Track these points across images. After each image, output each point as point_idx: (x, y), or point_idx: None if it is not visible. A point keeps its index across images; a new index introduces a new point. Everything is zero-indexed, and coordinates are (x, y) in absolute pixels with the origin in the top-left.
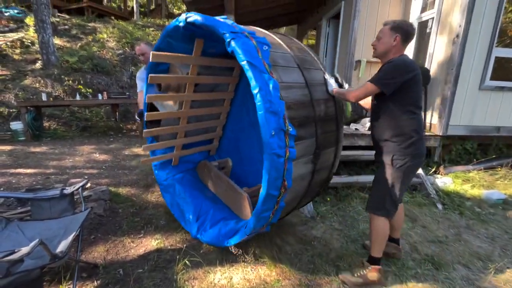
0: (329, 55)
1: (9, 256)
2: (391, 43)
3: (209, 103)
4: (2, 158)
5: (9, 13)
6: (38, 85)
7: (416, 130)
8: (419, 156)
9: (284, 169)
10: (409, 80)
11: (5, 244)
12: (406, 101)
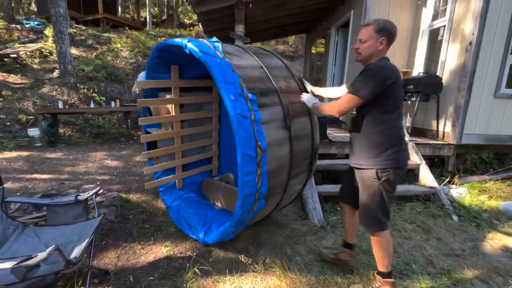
0: (338, 63)
1: (27, 261)
2: (377, 47)
3: (198, 122)
4: (19, 163)
5: (29, 24)
6: (55, 93)
7: (398, 140)
8: (402, 167)
9: (253, 130)
10: (390, 87)
11: (22, 248)
12: (387, 109)
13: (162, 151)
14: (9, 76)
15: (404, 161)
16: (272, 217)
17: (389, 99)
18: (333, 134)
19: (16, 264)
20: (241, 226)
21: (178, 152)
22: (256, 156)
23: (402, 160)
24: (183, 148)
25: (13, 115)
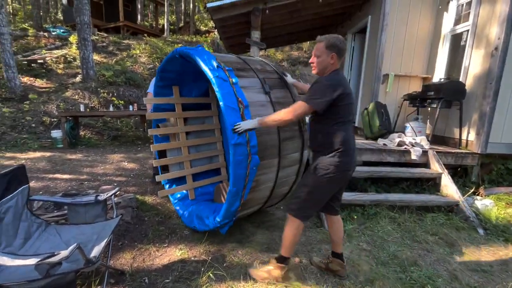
0: (354, 69)
1: (50, 259)
2: (329, 61)
3: (202, 134)
4: (43, 163)
5: (56, 32)
6: (77, 97)
7: (343, 142)
8: (344, 169)
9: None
10: (337, 98)
11: (44, 246)
12: (335, 115)
13: (170, 160)
14: (36, 81)
15: (348, 163)
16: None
17: (337, 107)
18: None
19: (40, 261)
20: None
21: (187, 162)
22: (239, 109)
23: (345, 161)
24: (190, 158)
25: (38, 117)
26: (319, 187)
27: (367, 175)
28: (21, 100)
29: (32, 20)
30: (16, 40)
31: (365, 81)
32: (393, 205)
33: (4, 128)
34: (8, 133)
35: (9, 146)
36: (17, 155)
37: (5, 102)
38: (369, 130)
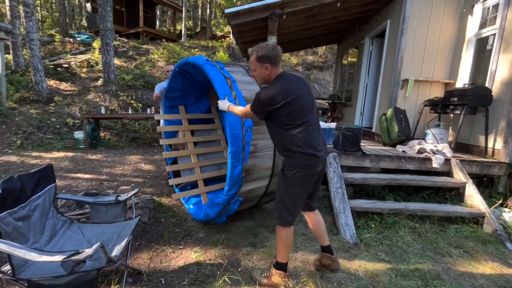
0: (371, 74)
1: (75, 256)
2: (265, 73)
3: (208, 144)
4: (66, 163)
5: (80, 38)
6: (98, 99)
7: (302, 144)
8: (309, 168)
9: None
10: (279, 107)
11: (68, 243)
12: (286, 121)
13: (181, 165)
14: (61, 84)
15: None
16: (299, 230)
17: (284, 114)
18: (366, 147)
19: (66, 258)
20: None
21: (197, 168)
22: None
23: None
24: (199, 164)
25: (62, 118)
26: (290, 189)
27: (385, 182)
28: (47, 102)
29: (59, 27)
30: (44, 45)
31: (383, 86)
32: (413, 214)
33: (31, 129)
34: (35, 134)
35: (35, 145)
36: (43, 155)
37: (33, 104)
38: (387, 136)
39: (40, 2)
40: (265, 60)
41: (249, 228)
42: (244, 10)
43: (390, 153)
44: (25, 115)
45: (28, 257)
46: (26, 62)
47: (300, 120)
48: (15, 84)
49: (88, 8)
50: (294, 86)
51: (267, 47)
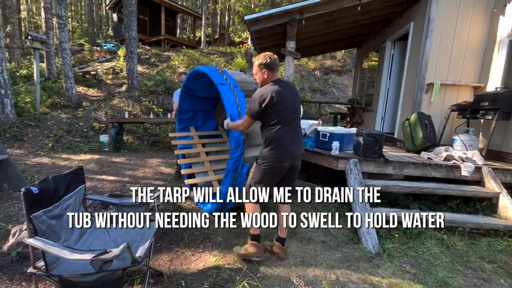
0: (393, 78)
1: (104, 255)
2: (264, 77)
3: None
4: (92, 165)
5: (106, 46)
6: (122, 104)
7: (277, 140)
8: (278, 161)
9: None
10: (265, 106)
11: (95, 242)
12: (267, 119)
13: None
14: (89, 90)
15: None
16: (319, 237)
17: (268, 113)
18: (389, 153)
19: (95, 256)
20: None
21: (210, 171)
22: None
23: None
24: (212, 168)
25: (89, 123)
26: (259, 174)
27: (409, 190)
28: (76, 107)
29: (88, 36)
30: (74, 54)
31: (406, 90)
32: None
33: (61, 132)
34: (65, 137)
35: (64, 148)
36: (71, 157)
37: (63, 109)
38: (411, 142)
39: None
40: (264, 67)
41: (267, 233)
42: (264, 17)
43: (414, 159)
44: (56, 120)
45: (61, 255)
46: (58, 70)
47: (280, 120)
48: (48, 91)
49: (115, 18)
50: (283, 90)
51: (266, 56)
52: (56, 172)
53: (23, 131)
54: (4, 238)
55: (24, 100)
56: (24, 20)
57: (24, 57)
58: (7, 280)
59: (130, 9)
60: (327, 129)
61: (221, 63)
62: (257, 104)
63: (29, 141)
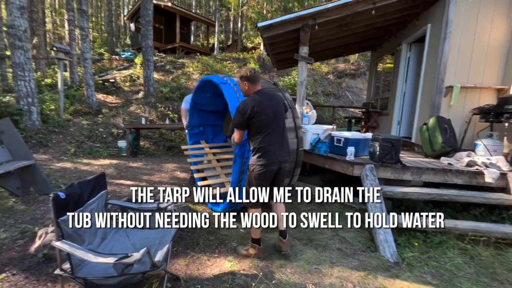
0: (410, 81)
1: (126, 259)
2: (245, 88)
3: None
4: (111, 170)
5: (124, 55)
6: (139, 111)
7: (262, 147)
8: (265, 165)
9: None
10: (249, 117)
11: (116, 246)
12: (252, 128)
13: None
14: (108, 97)
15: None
16: (334, 244)
17: (251, 123)
18: (406, 158)
19: (117, 260)
20: None
21: (222, 174)
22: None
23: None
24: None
25: (108, 129)
26: (252, 181)
27: (428, 197)
28: (96, 114)
29: (107, 46)
30: (94, 63)
31: (424, 94)
32: (464, 234)
33: (82, 138)
34: (86, 142)
35: (85, 153)
36: (92, 162)
37: (84, 116)
38: (429, 147)
39: (92, 25)
40: (245, 79)
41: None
42: (277, 23)
43: (433, 165)
44: (78, 126)
45: (86, 258)
46: (80, 78)
47: (263, 128)
48: (71, 98)
49: (132, 28)
50: (264, 100)
51: (248, 69)
52: (78, 177)
53: (48, 137)
54: (31, 240)
55: (49, 107)
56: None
57: (48, 67)
58: (34, 280)
59: (147, 19)
60: (342, 134)
61: (234, 69)
62: (241, 115)
63: (53, 146)
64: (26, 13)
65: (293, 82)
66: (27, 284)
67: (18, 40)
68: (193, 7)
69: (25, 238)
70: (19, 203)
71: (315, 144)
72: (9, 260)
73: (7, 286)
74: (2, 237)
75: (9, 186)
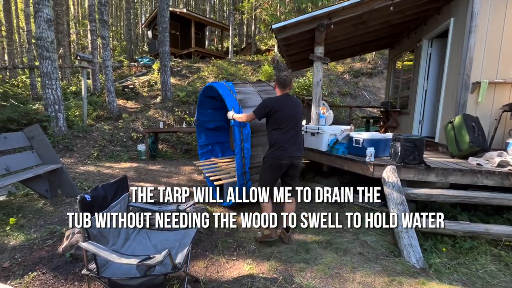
0: (432, 78)
1: (149, 261)
2: (276, 90)
3: None
4: (131, 173)
5: (142, 61)
6: (157, 115)
7: (276, 142)
8: (277, 158)
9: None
10: (269, 112)
11: (138, 247)
12: (270, 123)
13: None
14: (127, 102)
15: (280, 155)
16: (355, 248)
17: (270, 119)
18: (430, 159)
19: (140, 261)
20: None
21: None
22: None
23: (278, 154)
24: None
25: (128, 133)
26: (265, 171)
27: (456, 200)
28: (117, 119)
29: (126, 53)
30: (115, 70)
31: (447, 91)
32: (497, 239)
33: (104, 142)
34: (107, 146)
35: (107, 157)
36: (113, 165)
37: (106, 121)
38: (455, 147)
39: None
40: (276, 82)
41: (300, 243)
42: (291, 24)
43: (461, 166)
44: (100, 131)
45: (111, 259)
46: (101, 85)
47: (280, 125)
48: (93, 104)
49: (149, 35)
50: (285, 102)
51: (280, 75)
52: (100, 180)
53: (73, 142)
54: (59, 240)
55: (74, 114)
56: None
57: (73, 75)
58: (62, 279)
59: (164, 26)
60: (361, 135)
61: (248, 72)
62: (263, 107)
63: (78, 150)
64: (53, 25)
65: (308, 83)
66: (56, 283)
67: (45, 51)
68: (207, 12)
69: (54, 238)
70: (48, 205)
71: (333, 145)
72: (39, 259)
73: (38, 284)
74: (33, 237)
75: (39, 189)
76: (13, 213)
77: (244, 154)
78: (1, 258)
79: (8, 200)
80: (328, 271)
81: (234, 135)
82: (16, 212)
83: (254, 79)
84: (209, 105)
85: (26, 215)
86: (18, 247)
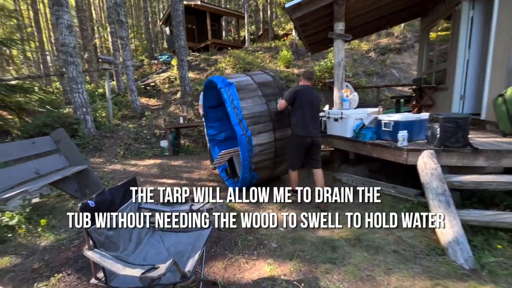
0: (474, 46)
1: (151, 273)
2: (300, 81)
3: None
4: (154, 169)
5: (162, 58)
6: (178, 110)
7: (297, 121)
8: (299, 136)
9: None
10: (294, 98)
11: (151, 251)
12: (295, 105)
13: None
14: (150, 100)
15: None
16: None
17: (295, 102)
18: (476, 140)
19: (143, 274)
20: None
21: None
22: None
23: (299, 131)
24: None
25: (151, 130)
26: (290, 147)
27: (510, 187)
28: (140, 117)
29: (147, 52)
30: (136, 69)
31: (496, 59)
32: None
33: (130, 140)
34: (132, 144)
35: (133, 154)
36: (138, 162)
37: (130, 119)
38: (509, 124)
39: (133, 34)
40: (302, 75)
41: (325, 239)
42: (306, 1)
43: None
44: (125, 130)
45: (115, 269)
46: (125, 85)
47: (302, 106)
48: (118, 104)
49: (167, 32)
50: (305, 92)
51: (306, 71)
52: (126, 178)
53: (101, 142)
54: (84, 241)
55: (101, 115)
56: (98, 46)
57: (100, 78)
58: (85, 281)
59: (178, 19)
60: (391, 117)
61: (266, 59)
62: (290, 94)
63: (106, 150)
64: (73, 30)
65: (329, 65)
66: (79, 284)
67: (69, 56)
68: (222, 2)
69: (80, 238)
70: (77, 205)
71: (359, 131)
72: (66, 260)
73: (62, 286)
74: (61, 237)
75: (69, 189)
76: (45, 214)
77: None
78: (32, 260)
79: (41, 202)
80: (358, 273)
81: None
82: (48, 213)
83: (273, 66)
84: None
85: (57, 216)
86: (48, 248)
